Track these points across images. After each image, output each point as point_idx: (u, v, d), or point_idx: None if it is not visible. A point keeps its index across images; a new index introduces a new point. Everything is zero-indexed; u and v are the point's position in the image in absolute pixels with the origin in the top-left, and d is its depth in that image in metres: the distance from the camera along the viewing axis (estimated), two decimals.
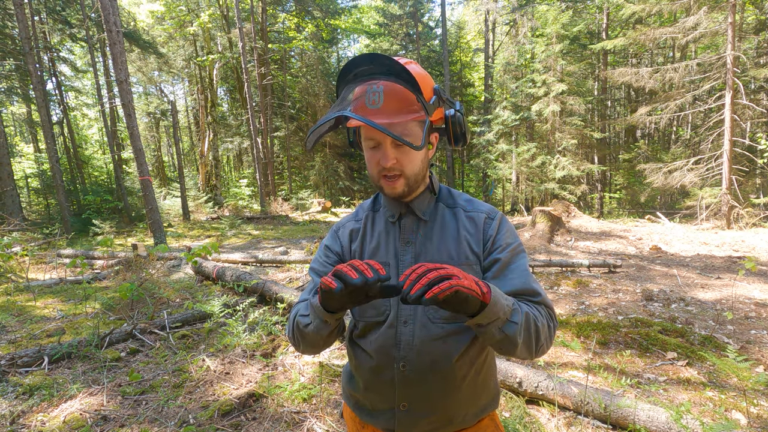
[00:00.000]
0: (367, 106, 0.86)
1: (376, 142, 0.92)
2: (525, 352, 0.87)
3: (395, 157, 0.91)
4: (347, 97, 0.91)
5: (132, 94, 8.41)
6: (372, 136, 0.92)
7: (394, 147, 0.91)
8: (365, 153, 0.97)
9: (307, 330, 0.93)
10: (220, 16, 19.93)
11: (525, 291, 0.93)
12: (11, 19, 13.23)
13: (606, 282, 5.41)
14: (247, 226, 12.78)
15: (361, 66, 0.90)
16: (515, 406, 2.45)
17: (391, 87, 0.87)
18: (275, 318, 3.81)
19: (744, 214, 10.44)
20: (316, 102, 20.73)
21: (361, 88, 0.89)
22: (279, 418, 2.45)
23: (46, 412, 2.53)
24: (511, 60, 18.21)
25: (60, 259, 7.73)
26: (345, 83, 0.93)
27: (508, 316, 0.81)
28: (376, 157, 0.93)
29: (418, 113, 0.88)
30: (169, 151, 30.11)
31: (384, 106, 0.85)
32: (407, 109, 0.88)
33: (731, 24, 10.06)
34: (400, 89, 0.88)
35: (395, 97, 0.87)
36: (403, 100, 0.88)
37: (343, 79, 0.94)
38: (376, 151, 0.93)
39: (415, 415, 0.96)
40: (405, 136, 0.90)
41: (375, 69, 0.90)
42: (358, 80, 0.91)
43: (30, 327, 4.04)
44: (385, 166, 0.91)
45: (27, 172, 17.52)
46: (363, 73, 0.91)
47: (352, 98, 0.90)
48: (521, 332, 0.83)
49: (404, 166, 0.93)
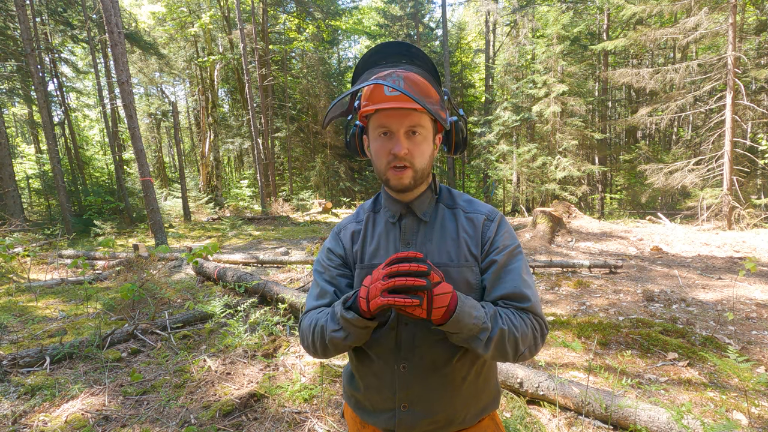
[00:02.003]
0: (385, 94, 0.87)
1: (388, 130, 0.91)
2: (499, 358, 0.89)
3: (408, 147, 0.91)
4: (367, 79, 0.91)
5: (133, 95, 8.43)
6: (385, 123, 0.91)
7: (406, 137, 0.91)
8: (374, 143, 0.95)
9: (346, 343, 0.90)
10: (221, 17, 19.98)
11: (515, 296, 0.92)
12: (13, 20, 13.26)
13: (607, 282, 5.41)
14: (247, 227, 12.79)
15: (384, 53, 0.91)
16: (516, 407, 2.45)
17: (412, 76, 0.87)
18: (276, 318, 3.82)
19: (745, 214, 10.43)
20: (317, 103, 20.76)
21: (381, 75, 0.89)
22: (280, 418, 2.45)
23: (48, 412, 2.53)
24: (511, 61, 18.22)
25: (61, 260, 7.75)
26: (365, 69, 0.93)
27: (475, 334, 0.83)
28: (388, 146, 0.91)
29: (435, 105, 0.89)
30: (170, 152, 30.15)
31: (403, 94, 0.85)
32: (426, 100, 0.88)
33: (732, 25, 10.06)
34: (420, 79, 0.88)
35: (416, 86, 0.87)
36: (423, 90, 0.88)
37: (363, 65, 0.93)
38: (387, 139, 0.92)
39: (415, 415, 0.96)
40: (419, 127, 0.90)
41: (397, 57, 0.90)
42: (378, 67, 0.91)
43: (32, 327, 4.05)
44: (398, 154, 0.90)
45: (28, 173, 17.55)
46: (383, 61, 0.91)
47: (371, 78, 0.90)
48: (489, 346, 0.84)
49: (414, 157, 0.92)
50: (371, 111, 0.92)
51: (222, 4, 19.87)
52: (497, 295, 0.93)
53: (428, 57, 0.90)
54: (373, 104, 0.90)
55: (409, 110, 0.88)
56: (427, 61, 0.91)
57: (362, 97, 0.95)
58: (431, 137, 0.95)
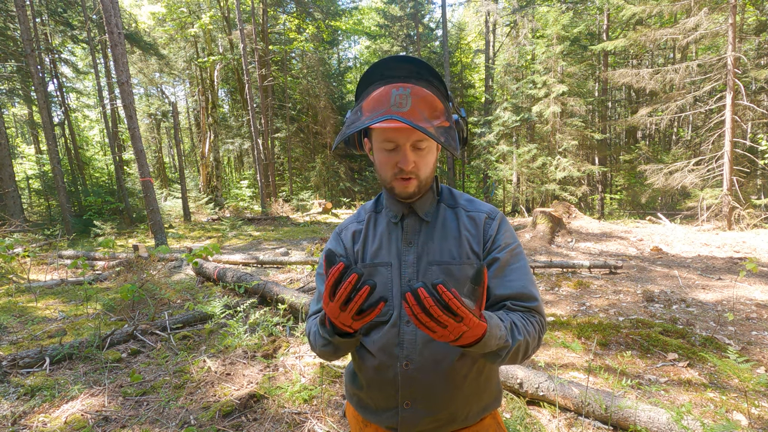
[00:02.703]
0: (392, 109, 0.86)
1: (395, 144, 0.92)
2: (507, 363, 0.90)
3: (414, 161, 0.92)
4: (370, 95, 0.91)
5: (133, 96, 8.43)
6: (392, 138, 0.91)
7: (413, 150, 0.92)
8: (378, 154, 0.96)
9: (338, 355, 0.96)
10: (221, 18, 19.99)
11: (523, 296, 0.94)
12: (13, 20, 13.27)
13: (607, 283, 5.41)
14: (247, 227, 12.79)
15: (389, 68, 0.91)
16: (516, 407, 2.45)
17: (419, 91, 0.88)
18: (276, 319, 3.82)
19: (745, 215, 10.43)
20: (317, 103, 20.76)
21: (386, 89, 0.88)
22: (280, 419, 2.45)
23: (48, 412, 2.53)
24: (511, 61, 18.22)
25: (61, 260, 7.74)
26: (370, 82, 0.93)
27: (495, 351, 0.82)
28: (394, 160, 0.93)
29: (441, 119, 0.89)
30: (170, 153, 30.15)
31: (411, 110, 0.85)
32: (433, 115, 0.88)
33: (732, 25, 10.07)
34: (428, 94, 0.89)
35: (423, 101, 0.87)
36: (430, 105, 0.88)
37: (368, 78, 0.94)
38: (393, 153, 0.93)
39: (418, 413, 0.97)
40: (424, 141, 0.92)
41: (404, 72, 0.90)
42: (384, 81, 0.91)
43: (31, 328, 4.05)
44: (405, 169, 0.91)
45: (28, 174, 17.55)
46: (390, 75, 0.91)
47: (376, 98, 0.89)
48: (505, 357, 0.85)
49: (420, 169, 0.94)
50: (378, 128, 0.93)
51: (222, 4, 19.88)
52: (505, 295, 0.94)
53: (435, 70, 0.89)
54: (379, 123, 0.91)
55: None
56: (434, 74, 0.92)
57: (366, 110, 0.93)
58: (435, 147, 0.97)
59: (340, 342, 0.89)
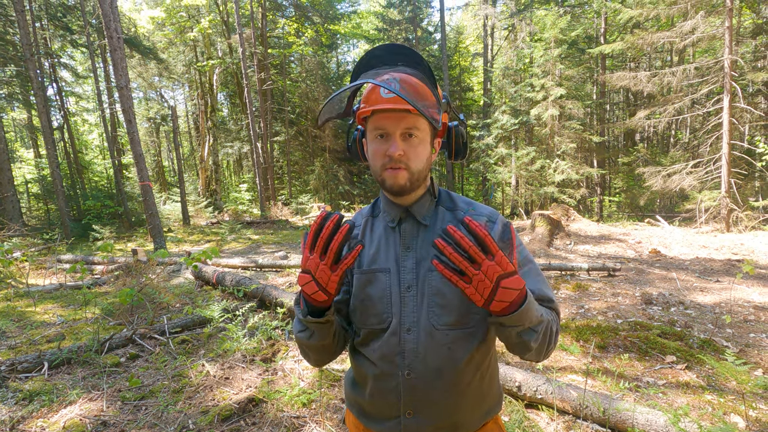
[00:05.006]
0: (381, 96, 0.87)
1: (384, 132, 0.91)
2: (534, 356, 0.89)
3: (403, 149, 0.91)
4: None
5: (132, 100, 8.45)
6: (381, 125, 0.91)
7: (402, 139, 0.91)
8: (371, 145, 0.96)
9: (311, 342, 0.95)
10: (221, 22, 20.04)
11: (541, 298, 0.94)
12: (12, 25, 13.31)
13: (605, 286, 5.42)
14: (246, 231, 12.78)
15: (379, 56, 0.91)
16: (514, 410, 2.45)
17: (407, 78, 0.88)
18: (275, 323, 3.82)
19: (743, 217, 10.46)
20: (316, 107, 20.79)
21: (376, 77, 0.89)
22: (279, 423, 2.45)
23: (46, 417, 2.53)
24: (509, 64, 18.29)
25: (60, 265, 7.74)
26: (361, 71, 0.94)
27: (533, 325, 0.83)
28: (383, 148, 0.92)
29: (430, 108, 0.89)
30: (169, 156, 30.16)
31: (400, 91, 0.85)
32: (421, 102, 0.88)
33: (728, 28, 10.13)
34: (416, 81, 0.89)
35: (411, 88, 0.87)
36: (419, 92, 0.88)
37: (359, 67, 0.94)
38: (383, 141, 0.92)
39: (421, 421, 0.95)
40: (415, 129, 0.91)
41: (393, 59, 0.91)
42: (374, 69, 0.92)
43: (30, 332, 4.05)
44: (392, 155, 0.90)
45: (27, 178, 17.55)
46: (380, 63, 0.92)
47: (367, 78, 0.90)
48: (538, 339, 0.85)
49: (410, 159, 0.91)
50: (367, 113, 0.92)
51: (221, 9, 19.94)
52: None
53: (424, 59, 0.90)
54: (369, 106, 0.91)
55: (405, 112, 0.89)
56: (423, 63, 0.91)
57: (361, 100, 0.96)
58: (428, 140, 0.95)
59: (312, 324, 0.90)
